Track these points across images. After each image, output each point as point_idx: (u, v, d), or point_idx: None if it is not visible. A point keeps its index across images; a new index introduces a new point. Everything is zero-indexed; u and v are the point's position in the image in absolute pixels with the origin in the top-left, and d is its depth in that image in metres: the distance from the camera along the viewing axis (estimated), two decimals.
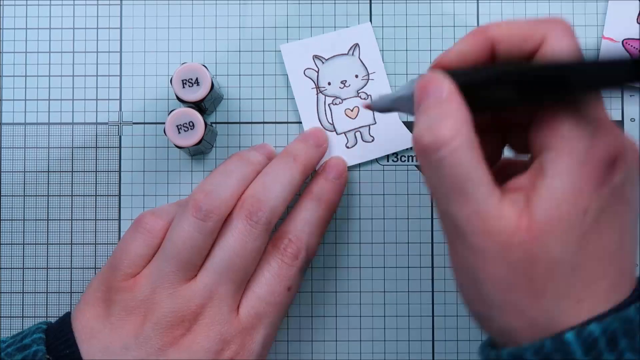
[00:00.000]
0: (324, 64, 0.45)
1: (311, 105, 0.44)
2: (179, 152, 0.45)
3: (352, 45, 0.45)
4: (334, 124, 0.45)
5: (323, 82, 0.45)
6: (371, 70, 0.45)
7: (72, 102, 0.45)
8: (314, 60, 0.45)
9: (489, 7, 0.46)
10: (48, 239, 0.45)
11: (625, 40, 0.45)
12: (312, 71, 0.45)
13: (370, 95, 0.45)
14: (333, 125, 0.45)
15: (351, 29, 0.45)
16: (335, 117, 0.45)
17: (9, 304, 0.45)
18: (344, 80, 0.45)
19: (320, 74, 0.45)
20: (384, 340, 0.45)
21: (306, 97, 0.45)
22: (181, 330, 0.37)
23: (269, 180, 0.40)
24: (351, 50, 0.45)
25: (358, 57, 0.45)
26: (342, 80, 0.45)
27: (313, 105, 0.45)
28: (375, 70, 0.45)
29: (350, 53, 0.45)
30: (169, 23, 0.46)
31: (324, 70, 0.45)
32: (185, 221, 0.38)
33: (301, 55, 0.45)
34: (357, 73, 0.45)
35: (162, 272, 0.37)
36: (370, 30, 0.45)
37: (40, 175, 0.45)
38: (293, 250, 0.40)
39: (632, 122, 0.45)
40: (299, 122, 0.45)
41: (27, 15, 0.46)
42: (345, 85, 0.45)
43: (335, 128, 0.45)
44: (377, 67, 0.45)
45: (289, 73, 0.45)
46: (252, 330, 0.38)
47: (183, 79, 0.41)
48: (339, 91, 0.45)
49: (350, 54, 0.45)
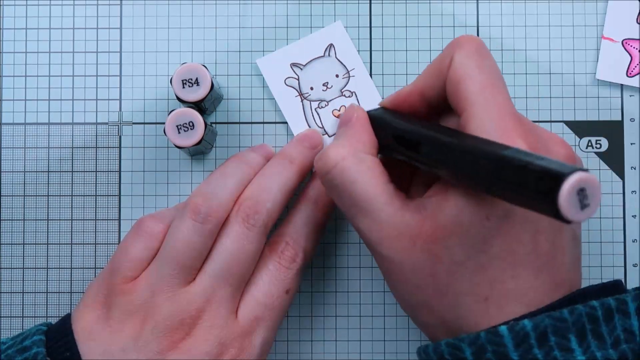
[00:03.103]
0: (302, 70, 0.45)
1: (298, 113, 0.45)
2: (179, 152, 0.45)
3: (327, 46, 0.45)
4: (324, 127, 0.45)
5: (305, 88, 0.45)
6: (350, 67, 0.45)
7: (72, 102, 0.45)
8: (292, 69, 0.45)
9: (489, 7, 0.46)
10: (48, 239, 0.45)
11: (625, 41, 0.45)
12: (293, 79, 0.45)
13: (354, 92, 0.45)
14: (324, 129, 0.45)
15: (322, 30, 0.45)
16: (323, 120, 0.45)
17: (9, 304, 0.45)
18: (325, 82, 0.45)
19: (301, 80, 0.45)
20: (384, 340, 0.45)
21: (292, 106, 0.45)
22: (180, 334, 0.37)
23: (265, 183, 0.40)
24: (327, 51, 0.45)
25: (335, 56, 0.45)
26: (323, 83, 0.45)
27: (300, 113, 0.45)
28: (354, 67, 0.45)
29: (326, 54, 0.45)
30: (169, 23, 0.46)
31: (304, 76, 0.45)
32: (184, 224, 0.38)
33: (278, 65, 0.45)
34: (337, 72, 0.45)
35: (161, 275, 0.37)
36: (341, 28, 0.45)
37: (40, 175, 0.45)
38: (290, 254, 0.40)
39: (632, 122, 0.45)
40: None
41: (27, 15, 0.46)
42: (327, 87, 0.45)
43: (326, 131, 0.45)
44: (355, 63, 0.45)
45: (270, 86, 0.45)
46: (251, 333, 0.38)
47: (183, 79, 0.41)
48: (323, 94, 0.45)
49: (326, 56, 0.45)
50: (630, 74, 0.45)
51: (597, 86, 0.45)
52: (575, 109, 0.45)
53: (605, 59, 0.45)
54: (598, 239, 0.45)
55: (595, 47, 0.45)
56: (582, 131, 0.45)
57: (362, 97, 0.45)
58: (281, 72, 0.45)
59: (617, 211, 0.45)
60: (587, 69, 0.45)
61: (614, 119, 0.45)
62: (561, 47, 0.45)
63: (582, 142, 0.45)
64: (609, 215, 0.45)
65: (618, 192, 0.45)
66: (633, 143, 0.45)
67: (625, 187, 0.45)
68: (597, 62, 0.45)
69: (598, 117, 0.45)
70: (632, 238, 0.45)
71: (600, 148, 0.45)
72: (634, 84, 0.45)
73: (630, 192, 0.45)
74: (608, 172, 0.45)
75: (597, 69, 0.45)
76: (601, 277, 0.45)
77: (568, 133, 0.45)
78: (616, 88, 0.45)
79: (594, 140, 0.45)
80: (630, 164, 0.45)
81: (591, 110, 0.45)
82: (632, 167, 0.45)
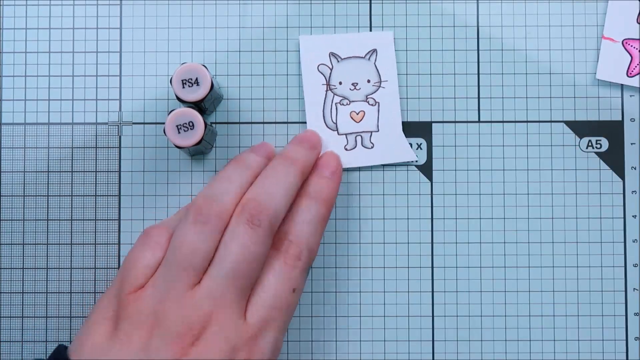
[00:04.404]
0: (339, 62, 0.45)
1: (318, 101, 0.44)
2: (179, 152, 0.45)
3: (371, 50, 0.45)
4: (337, 123, 0.45)
5: (334, 80, 0.45)
6: (384, 79, 0.45)
7: (72, 102, 0.45)
8: (329, 57, 0.45)
9: (489, 7, 0.46)
10: (48, 239, 0.45)
11: (625, 40, 0.45)
12: (326, 67, 0.45)
13: (378, 103, 0.45)
14: (336, 125, 0.45)
15: (373, 33, 0.45)
16: (339, 117, 0.45)
17: (9, 304, 0.45)
18: (355, 82, 0.45)
19: (333, 71, 0.45)
20: (384, 340, 0.45)
21: (315, 92, 0.45)
22: (190, 339, 0.36)
23: (270, 184, 0.40)
24: (368, 55, 0.45)
25: (374, 62, 0.45)
26: (353, 83, 0.45)
27: (320, 101, 0.45)
28: (388, 79, 0.45)
29: (367, 57, 0.45)
30: (169, 23, 0.46)
31: (338, 68, 0.45)
32: (187, 227, 0.38)
33: (318, 49, 0.45)
34: (370, 78, 0.45)
35: (167, 280, 0.37)
36: (391, 39, 0.45)
37: (40, 175, 0.45)
38: (295, 252, 0.40)
39: (632, 122, 0.45)
40: (298, 122, 0.45)
41: (27, 15, 0.46)
42: (355, 87, 0.45)
43: (337, 128, 0.45)
44: (390, 76, 0.45)
45: (302, 65, 0.45)
46: (261, 335, 0.38)
47: (183, 79, 0.41)
48: (349, 92, 0.45)
49: (366, 58, 0.45)
50: (630, 74, 0.45)
51: (597, 86, 0.45)
52: (576, 109, 0.45)
53: (606, 59, 0.45)
54: (598, 239, 0.45)
55: (596, 47, 0.45)
56: (582, 131, 0.45)
57: (383, 109, 0.45)
58: (318, 56, 0.45)
59: (617, 211, 0.45)
60: (587, 69, 0.45)
61: (614, 119, 0.45)
62: (561, 47, 0.45)
63: (582, 142, 0.45)
64: (609, 215, 0.45)
65: (618, 192, 0.45)
66: (633, 143, 0.45)
67: (626, 187, 0.45)
68: (597, 62, 0.45)
69: (598, 117, 0.45)
70: (632, 238, 0.45)
71: (600, 148, 0.45)
72: (634, 84, 0.45)
73: (631, 192, 0.45)
74: (608, 172, 0.45)
75: (597, 69, 0.45)
76: (601, 277, 0.45)
77: (568, 133, 0.45)
78: (616, 88, 0.45)
79: (594, 140, 0.45)
80: (630, 164, 0.45)
81: (591, 110, 0.45)
82: (632, 167, 0.45)
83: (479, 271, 0.45)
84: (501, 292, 0.45)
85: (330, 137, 0.44)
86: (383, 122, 0.45)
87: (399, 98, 0.45)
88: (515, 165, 0.45)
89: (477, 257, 0.45)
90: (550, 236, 0.45)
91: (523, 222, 0.45)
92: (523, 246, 0.45)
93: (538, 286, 0.45)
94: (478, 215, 0.45)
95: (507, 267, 0.45)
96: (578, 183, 0.45)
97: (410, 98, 0.45)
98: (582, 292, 0.45)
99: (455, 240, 0.45)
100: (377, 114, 0.45)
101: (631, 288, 0.45)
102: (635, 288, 0.45)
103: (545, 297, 0.45)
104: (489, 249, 0.45)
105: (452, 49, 0.45)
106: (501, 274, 0.45)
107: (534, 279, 0.45)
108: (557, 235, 0.45)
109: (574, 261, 0.45)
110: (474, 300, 0.45)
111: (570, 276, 0.45)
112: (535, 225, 0.45)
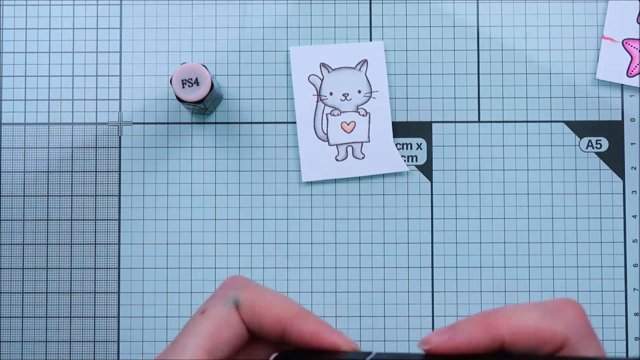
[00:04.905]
0: (329, 73, 0.45)
1: (309, 112, 0.45)
2: (179, 151, 0.45)
3: (361, 60, 0.45)
4: (327, 134, 0.45)
5: (325, 91, 0.45)
6: (375, 89, 0.45)
7: (72, 102, 0.45)
8: (320, 68, 0.45)
9: (489, 7, 0.46)
10: (48, 239, 0.45)
11: (625, 40, 0.45)
12: (317, 78, 0.45)
13: (369, 113, 0.45)
14: (327, 136, 0.45)
15: (363, 44, 0.45)
16: (330, 127, 0.45)
17: (9, 304, 0.45)
18: (346, 93, 0.45)
19: (324, 82, 0.45)
20: (384, 340, 0.45)
21: (306, 103, 0.45)
22: None
23: None
24: (359, 65, 0.45)
25: (364, 73, 0.45)
26: (344, 93, 0.45)
27: (311, 112, 0.45)
28: (378, 90, 0.45)
29: (357, 68, 0.45)
30: (169, 23, 0.46)
31: (328, 79, 0.45)
32: None
33: (309, 60, 0.45)
34: (361, 89, 0.45)
35: None
36: (381, 50, 0.45)
37: (40, 175, 0.45)
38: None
39: (632, 122, 0.45)
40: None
41: (27, 15, 0.46)
42: (346, 98, 0.45)
43: (328, 138, 0.45)
44: (381, 87, 0.45)
45: (293, 76, 0.45)
46: None
47: (183, 79, 0.41)
48: (339, 103, 0.45)
49: (357, 69, 0.45)
50: (630, 74, 0.45)
51: (597, 86, 0.45)
52: (576, 109, 0.45)
53: (606, 59, 0.45)
54: (598, 239, 0.45)
55: (596, 47, 0.45)
56: (582, 131, 0.45)
57: (374, 120, 0.45)
58: (309, 67, 0.45)
59: (617, 211, 0.45)
60: (587, 69, 0.45)
61: (614, 119, 0.45)
62: (561, 47, 0.45)
63: (582, 142, 0.45)
64: (609, 215, 0.45)
65: (618, 192, 0.45)
66: (633, 143, 0.45)
67: (626, 187, 0.45)
68: (597, 62, 0.45)
69: (598, 117, 0.45)
70: (632, 238, 0.45)
71: (600, 148, 0.45)
72: (634, 84, 0.45)
73: (631, 192, 0.45)
74: (608, 172, 0.45)
75: (597, 69, 0.45)
76: (601, 276, 0.45)
77: (568, 133, 0.45)
78: (616, 88, 0.45)
79: (594, 140, 0.45)
80: (630, 164, 0.45)
81: (591, 110, 0.45)
82: (632, 167, 0.45)
83: (479, 271, 0.45)
84: (501, 292, 0.45)
85: (321, 148, 0.44)
86: (374, 132, 0.45)
87: (389, 109, 0.45)
88: (515, 165, 0.45)
89: (477, 257, 0.45)
90: (550, 236, 0.45)
91: (523, 222, 0.45)
92: (523, 246, 0.45)
93: (538, 286, 0.45)
94: (478, 215, 0.45)
95: (507, 267, 0.45)
96: (578, 183, 0.45)
97: (410, 98, 0.45)
98: (582, 292, 0.45)
99: (455, 240, 0.45)
100: (368, 124, 0.45)
101: (631, 288, 0.45)
102: (635, 288, 0.45)
103: (545, 297, 0.45)
104: (489, 249, 0.45)
105: (452, 49, 0.45)
106: (501, 274, 0.45)
107: (534, 279, 0.45)
108: (557, 235, 0.45)
109: (574, 261, 0.45)
110: (474, 300, 0.45)
111: (570, 276, 0.45)
112: (535, 225, 0.45)
